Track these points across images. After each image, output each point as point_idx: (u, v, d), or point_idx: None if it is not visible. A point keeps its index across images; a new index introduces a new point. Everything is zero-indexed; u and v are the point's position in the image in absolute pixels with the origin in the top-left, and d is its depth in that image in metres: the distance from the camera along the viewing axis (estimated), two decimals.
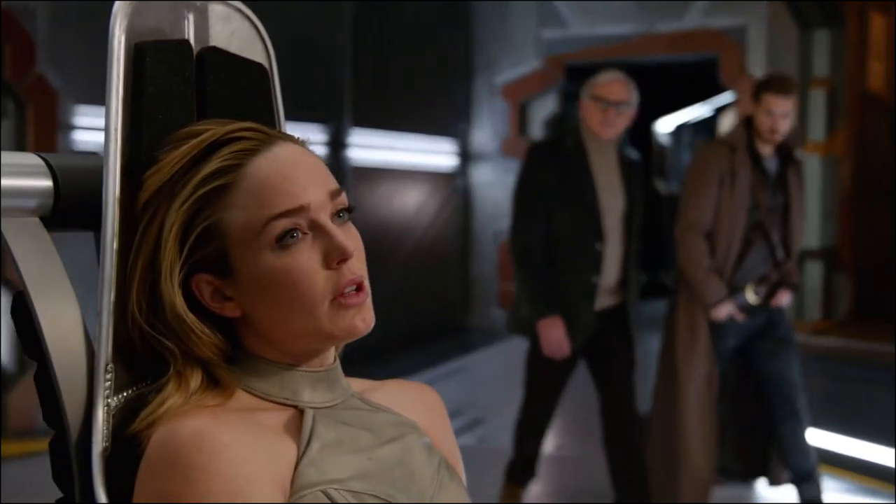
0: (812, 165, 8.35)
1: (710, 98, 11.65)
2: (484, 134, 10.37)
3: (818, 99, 8.31)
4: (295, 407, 1.12)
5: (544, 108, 10.20)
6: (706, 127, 13.78)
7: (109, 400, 1.09)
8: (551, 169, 3.91)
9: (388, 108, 9.13)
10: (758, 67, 8.49)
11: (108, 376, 1.09)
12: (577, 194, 3.89)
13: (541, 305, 3.85)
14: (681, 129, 14.53)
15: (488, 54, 10.20)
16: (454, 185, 10.34)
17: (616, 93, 3.95)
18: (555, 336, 3.81)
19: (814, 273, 8.38)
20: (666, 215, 14.31)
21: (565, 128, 4.07)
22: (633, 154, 4.33)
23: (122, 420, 1.08)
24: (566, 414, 6.71)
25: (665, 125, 14.20)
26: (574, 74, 10.09)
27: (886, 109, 8.42)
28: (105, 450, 1.07)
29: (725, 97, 10.09)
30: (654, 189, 14.09)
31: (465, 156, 10.44)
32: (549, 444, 5.31)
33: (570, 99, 11.20)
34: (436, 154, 10.11)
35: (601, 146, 3.95)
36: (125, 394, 1.11)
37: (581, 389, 7.52)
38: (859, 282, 8.41)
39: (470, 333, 9.96)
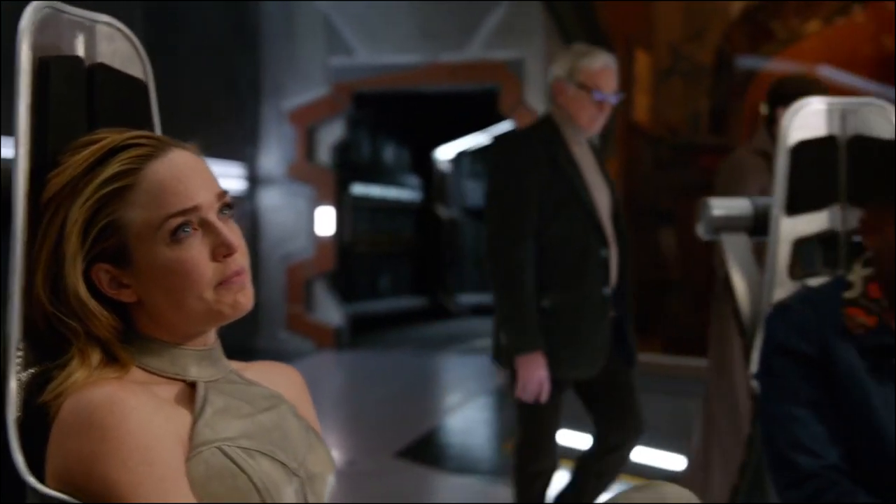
0: None
1: (490, 127, 12.14)
2: (271, 158, 10.48)
3: None
4: (184, 381, 1.29)
5: (332, 134, 10.41)
6: (485, 156, 14.32)
7: (20, 375, 1.23)
8: (539, 166, 3.24)
9: (174, 131, 9.10)
10: (535, 99, 8.98)
11: (19, 354, 1.23)
12: (571, 194, 3.24)
13: (528, 337, 3.16)
14: (461, 157, 15.05)
15: (276, 79, 10.34)
16: (241, 209, 10.40)
17: (611, 82, 3.34)
18: (537, 377, 3.15)
19: None
20: (445, 240, 14.78)
21: (542, 121, 3.40)
22: (595, 140, 3.67)
23: (31, 392, 1.22)
24: (356, 428, 6.94)
25: (446, 153, 14.67)
26: (362, 102, 10.36)
27: (650, 139, 9.07)
28: (18, 418, 1.21)
29: (504, 126, 10.57)
30: (434, 214, 14.52)
31: (253, 180, 10.51)
32: (339, 459, 5.45)
33: (357, 126, 11.47)
34: (223, 178, 10.07)
35: (578, 138, 3.32)
36: (33, 370, 1.25)
37: (369, 402, 7.77)
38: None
39: (257, 355, 9.93)
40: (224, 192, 1.30)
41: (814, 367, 1.76)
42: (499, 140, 3.50)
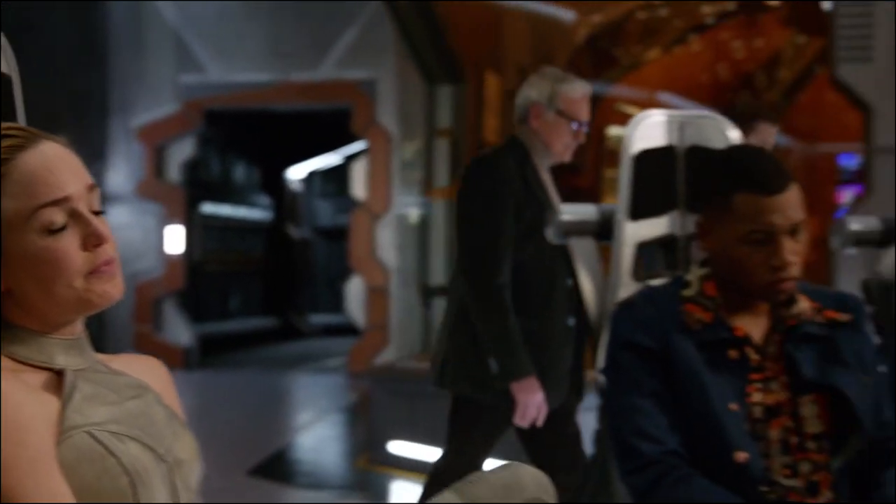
0: (438, 209, 9.03)
1: (342, 147, 12.18)
2: (119, 175, 10.29)
3: (442, 148, 9.02)
4: (51, 369, 1.30)
5: (182, 152, 10.30)
6: (336, 175, 14.35)
7: None
8: (513, 187, 3.16)
9: None
10: (387, 118, 9.08)
11: None
12: (541, 218, 3.01)
13: (520, 362, 3.01)
14: (312, 177, 15.04)
15: (124, 96, 10.17)
16: None
17: (587, 111, 3.28)
18: (535, 401, 3.02)
19: (440, 309, 9.02)
20: (297, 260, 14.72)
21: (512, 144, 3.30)
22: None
23: None
24: (208, 447, 6.85)
25: (297, 172, 14.64)
26: (213, 119, 10.27)
27: None
28: None
29: (356, 146, 10.64)
30: (285, 234, 14.45)
31: (100, 197, 10.29)
32: None
33: (207, 143, 11.36)
34: None
35: (545, 163, 3.26)
36: None
37: (220, 421, 7.67)
38: None
39: None
40: (94, 185, 1.33)
41: (656, 360, 1.88)
42: (473, 162, 3.36)
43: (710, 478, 1.80)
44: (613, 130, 9.30)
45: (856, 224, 2.41)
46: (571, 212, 2.18)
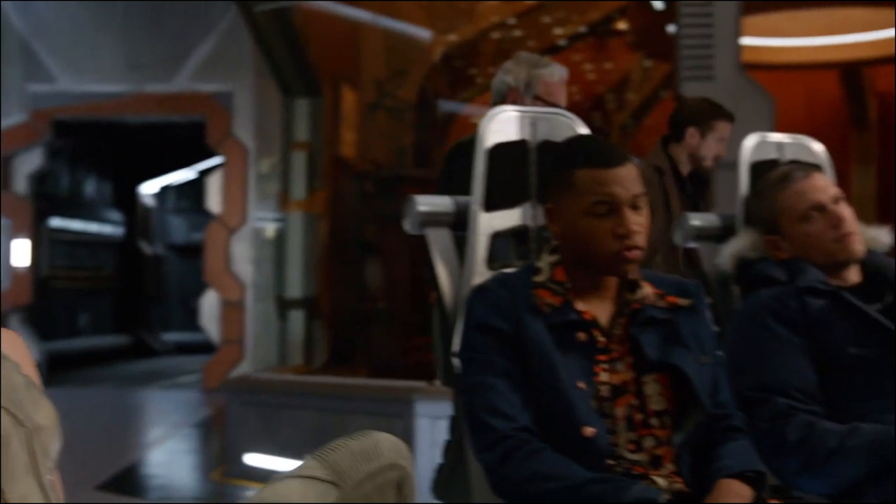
0: (295, 222, 9.02)
1: (197, 161, 12.05)
2: None
3: (299, 161, 9.02)
4: None
5: (30, 163, 10.02)
6: (190, 190, 14.17)
7: None
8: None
9: None
10: (243, 131, 9.04)
11: None
12: None
13: None
14: (165, 192, 14.80)
15: None
16: None
17: (563, 95, 3.24)
18: None
19: (297, 321, 9.01)
20: (149, 277, 14.44)
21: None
22: None
23: None
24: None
25: (150, 187, 14.39)
26: (63, 131, 10.03)
27: (356, 173, 9.34)
28: None
29: (211, 161, 10.54)
30: (137, 250, 14.17)
31: None
32: None
33: (57, 156, 11.07)
34: None
35: None
36: None
37: (67, 438, 7.47)
38: (334, 329, 9.15)
39: None
40: None
41: (508, 341, 1.95)
42: (457, 145, 3.22)
43: (561, 452, 1.88)
44: None
45: (696, 221, 2.54)
46: (428, 203, 2.23)
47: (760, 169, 2.52)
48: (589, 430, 1.89)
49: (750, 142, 2.58)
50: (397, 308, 8.84)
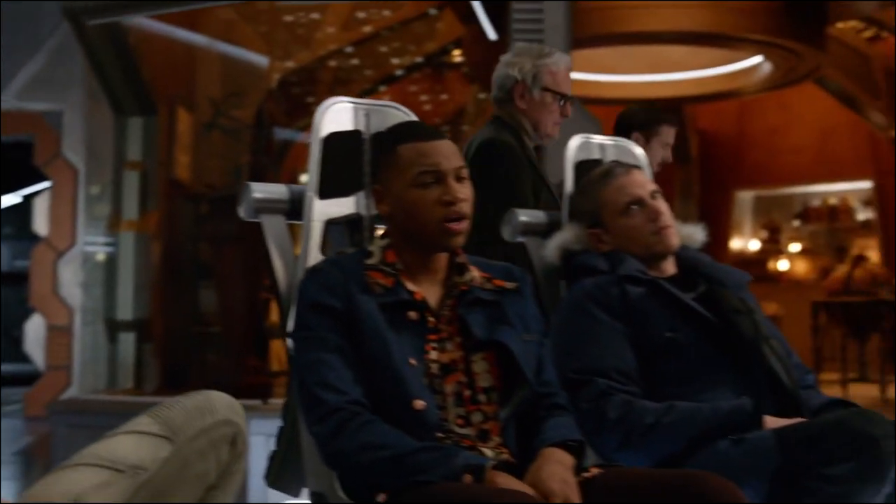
0: (126, 242, 8.83)
1: (24, 185, 11.67)
2: None
3: (132, 181, 8.86)
4: None
5: None
6: (15, 215, 13.69)
7: None
8: (527, 171, 3.06)
9: None
10: (73, 151, 8.81)
11: None
12: (553, 202, 3.02)
13: None
14: None
15: None
16: None
17: (569, 84, 3.17)
18: None
19: (127, 344, 8.80)
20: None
21: (501, 125, 3.03)
22: None
23: None
24: None
25: None
26: None
27: (190, 195, 9.23)
28: None
29: (41, 183, 10.22)
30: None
31: None
32: None
33: None
34: None
35: (530, 144, 3.14)
36: None
37: None
38: (167, 352, 8.99)
39: None
40: None
41: (340, 319, 1.99)
42: (485, 144, 3.08)
43: (392, 426, 1.93)
44: (305, 178, 9.48)
45: (524, 216, 2.64)
46: (263, 190, 2.26)
47: (585, 168, 2.65)
48: (419, 404, 1.95)
49: (574, 142, 2.70)
50: (232, 330, 8.76)
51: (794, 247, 12.10)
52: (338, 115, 2.30)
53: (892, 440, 1.89)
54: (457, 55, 11.27)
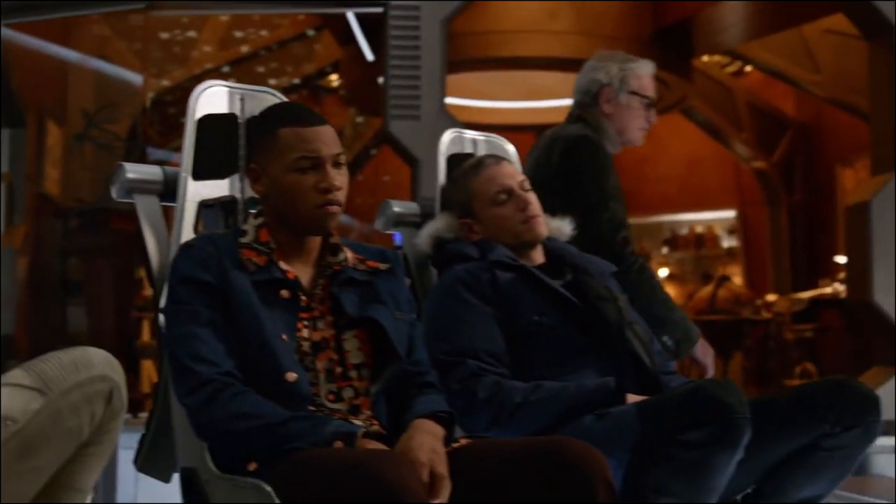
0: None
1: None
2: None
3: None
4: None
5: None
6: None
7: None
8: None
9: None
10: None
11: None
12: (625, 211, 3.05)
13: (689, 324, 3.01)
14: None
15: None
16: None
17: (653, 88, 3.14)
18: (710, 350, 3.10)
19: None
20: None
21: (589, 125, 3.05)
22: None
23: None
24: None
25: None
26: None
27: (59, 210, 9.01)
28: None
29: None
30: None
31: None
32: None
33: None
34: None
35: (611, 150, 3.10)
36: None
37: None
38: None
39: None
40: None
41: (214, 294, 2.00)
42: (580, 139, 3.05)
43: (265, 396, 1.94)
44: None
45: (398, 207, 2.69)
46: (136, 170, 2.26)
47: (456, 161, 2.71)
48: (291, 376, 1.97)
49: (447, 136, 2.76)
50: (101, 346, 8.56)
51: (663, 272, 12.43)
52: (212, 99, 2.32)
53: (745, 406, 1.98)
54: (334, 80, 11.30)
